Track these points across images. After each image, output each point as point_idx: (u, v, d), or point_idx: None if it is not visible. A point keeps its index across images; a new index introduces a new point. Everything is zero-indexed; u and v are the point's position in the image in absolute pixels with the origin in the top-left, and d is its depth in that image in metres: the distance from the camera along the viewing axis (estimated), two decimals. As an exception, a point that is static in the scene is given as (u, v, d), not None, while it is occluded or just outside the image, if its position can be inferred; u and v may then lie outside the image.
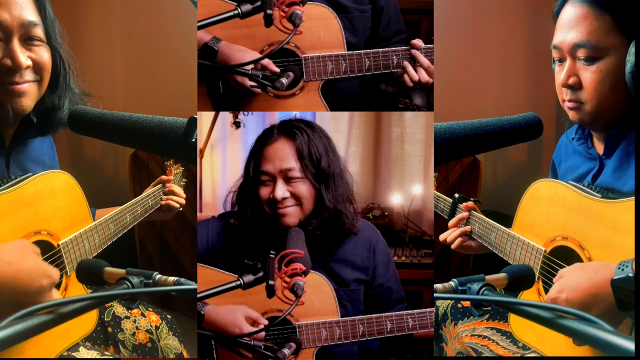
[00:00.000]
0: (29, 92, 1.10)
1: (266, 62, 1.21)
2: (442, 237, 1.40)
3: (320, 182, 1.26)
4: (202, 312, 1.18)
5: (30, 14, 1.08)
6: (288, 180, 1.25)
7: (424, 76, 1.28)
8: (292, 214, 1.25)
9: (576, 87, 1.11)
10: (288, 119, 1.33)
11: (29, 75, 1.09)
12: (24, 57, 1.07)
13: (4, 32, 1.05)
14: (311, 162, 1.26)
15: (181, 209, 1.55)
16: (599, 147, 1.20)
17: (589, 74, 1.08)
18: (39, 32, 1.10)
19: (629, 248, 0.98)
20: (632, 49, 1.02)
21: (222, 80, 1.26)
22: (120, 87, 2.46)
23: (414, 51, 1.27)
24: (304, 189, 1.26)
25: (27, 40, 1.09)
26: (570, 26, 1.08)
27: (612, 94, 1.08)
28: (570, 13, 1.09)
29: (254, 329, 1.17)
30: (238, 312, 1.19)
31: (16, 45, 1.06)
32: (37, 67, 1.11)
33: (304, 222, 1.26)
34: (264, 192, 1.26)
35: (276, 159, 1.26)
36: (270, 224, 1.27)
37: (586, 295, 0.96)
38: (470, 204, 1.38)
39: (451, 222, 1.39)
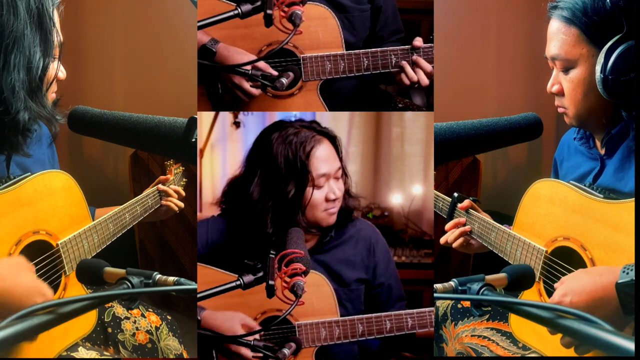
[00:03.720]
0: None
1: (263, 65, 1.20)
2: (442, 239, 1.39)
3: (346, 178, 1.33)
4: (199, 318, 1.18)
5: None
6: (336, 179, 1.29)
7: (423, 78, 1.28)
8: (336, 212, 1.30)
9: (560, 94, 1.17)
10: (309, 120, 1.33)
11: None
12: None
13: (60, 52, 1.15)
14: (342, 161, 1.32)
15: (178, 211, 1.55)
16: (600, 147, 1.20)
17: (566, 83, 1.14)
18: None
19: (631, 248, 0.98)
20: (600, 58, 1.05)
21: (221, 83, 1.25)
22: (120, 87, 2.45)
23: (415, 57, 1.27)
24: (342, 186, 1.31)
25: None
26: (550, 39, 1.15)
27: (586, 101, 1.12)
28: (550, 27, 1.15)
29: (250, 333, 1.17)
30: (235, 319, 1.19)
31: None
32: None
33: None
34: (319, 195, 1.27)
35: (329, 160, 1.28)
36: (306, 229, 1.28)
37: (591, 298, 0.96)
38: (466, 203, 1.37)
39: (447, 226, 1.39)
